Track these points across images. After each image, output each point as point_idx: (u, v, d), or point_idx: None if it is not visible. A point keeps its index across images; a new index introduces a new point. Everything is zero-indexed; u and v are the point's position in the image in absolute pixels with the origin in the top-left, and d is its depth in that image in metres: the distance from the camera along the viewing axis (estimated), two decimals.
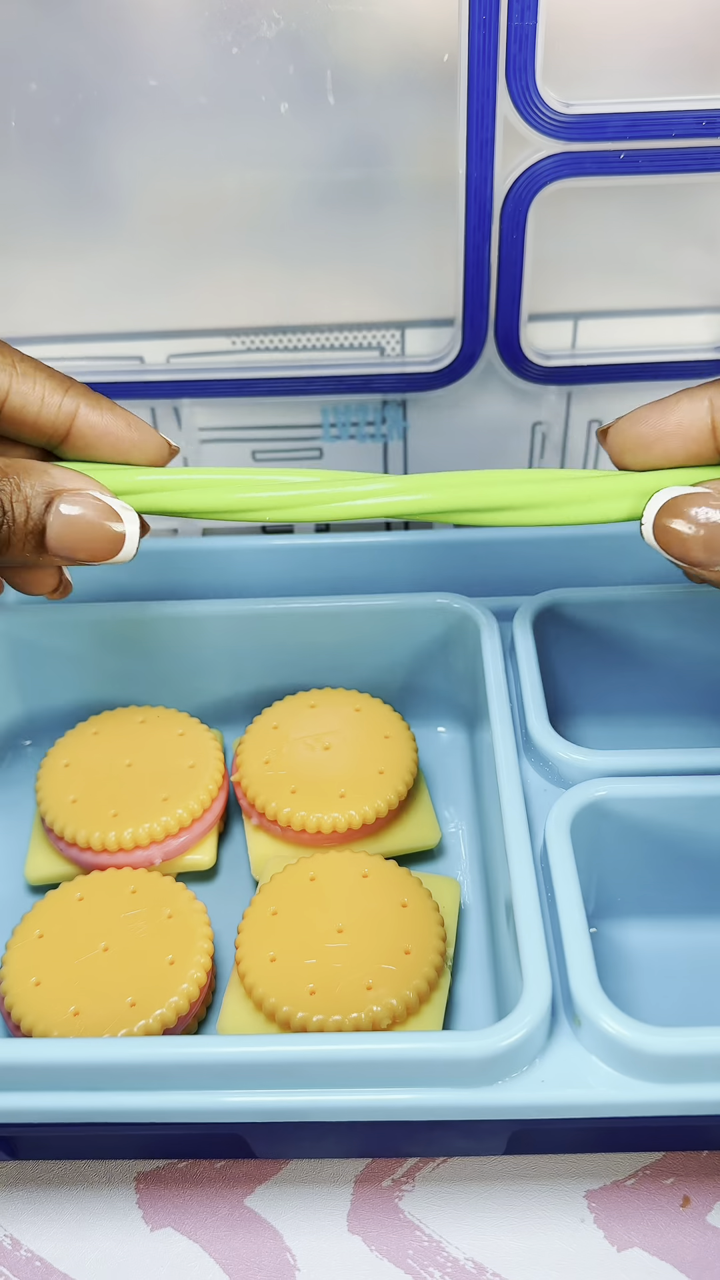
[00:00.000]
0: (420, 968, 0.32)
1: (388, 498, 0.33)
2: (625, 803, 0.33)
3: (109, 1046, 0.28)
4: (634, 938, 0.36)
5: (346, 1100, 0.28)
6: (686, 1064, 0.27)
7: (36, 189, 0.41)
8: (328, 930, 0.33)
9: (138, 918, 0.35)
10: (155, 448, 0.33)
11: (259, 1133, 0.31)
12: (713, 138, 0.38)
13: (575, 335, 0.45)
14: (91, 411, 0.32)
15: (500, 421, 0.47)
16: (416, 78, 0.38)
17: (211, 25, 0.38)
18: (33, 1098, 0.28)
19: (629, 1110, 0.28)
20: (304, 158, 0.41)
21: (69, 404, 0.31)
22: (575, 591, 0.40)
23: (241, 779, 0.39)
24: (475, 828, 0.40)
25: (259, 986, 0.32)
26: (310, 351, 0.45)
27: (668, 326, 0.45)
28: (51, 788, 0.38)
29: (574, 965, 0.29)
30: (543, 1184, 0.33)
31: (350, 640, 0.41)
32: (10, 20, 0.37)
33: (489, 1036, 0.27)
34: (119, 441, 0.32)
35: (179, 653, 0.42)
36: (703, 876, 0.35)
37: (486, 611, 0.40)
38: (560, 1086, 0.28)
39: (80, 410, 0.31)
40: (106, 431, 0.32)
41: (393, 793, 0.37)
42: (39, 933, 0.34)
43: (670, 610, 0.40)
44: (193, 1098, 0.28)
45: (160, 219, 0.42)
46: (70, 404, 0.31)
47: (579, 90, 0.38)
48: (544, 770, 0.35)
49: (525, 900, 0.31)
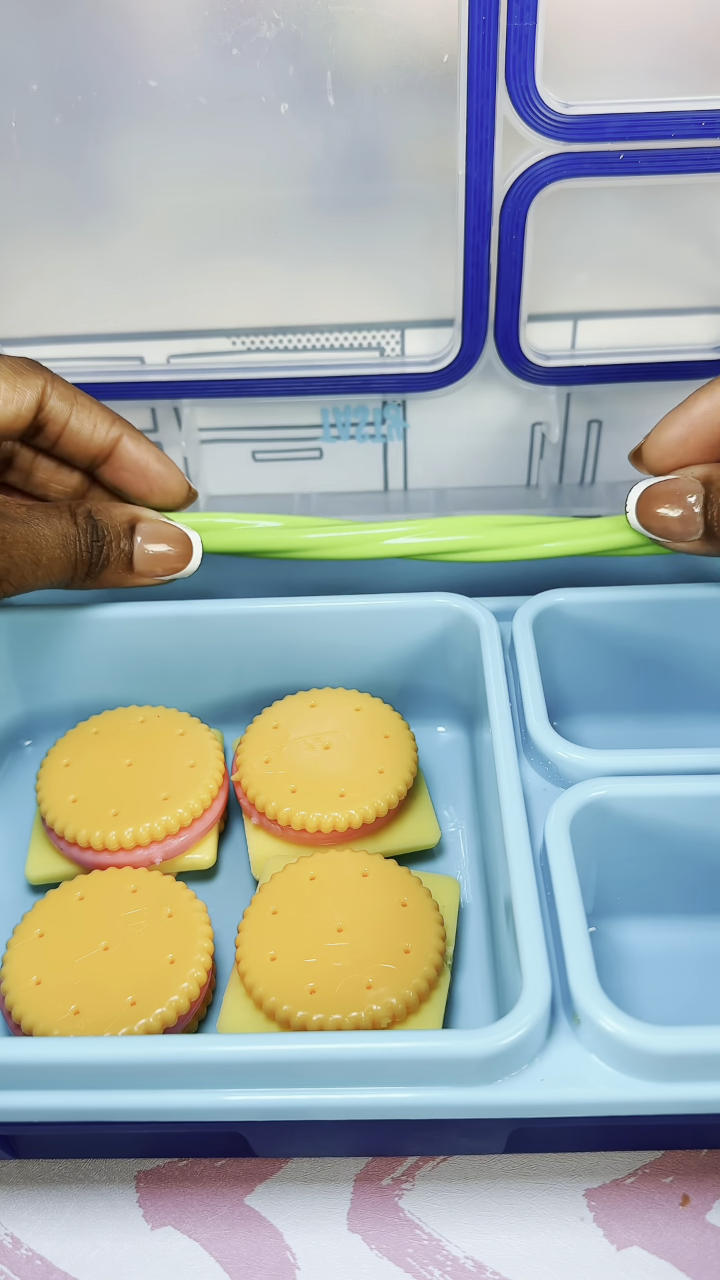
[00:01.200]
0: (420, 967, 0.32)
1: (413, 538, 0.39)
2: (625, 802, 0.33)
3: (109, 1045, 0.28)
4: (634, 937, 0.36)
5: (346, 1099, 0.28)
6: (686, 1063, 0.27)
7: (37, 189, 0.41)
8: (328, 929, 0.33)
9: (138, 917, 0.35)
10: (177, 484, 0.39)
11: (259, 1131, 0.31)
12: (711, 138, 0.38)
13: (575, 335, 0.45)
14: (130, 443, 0.38)
15: (500, 422, 0.47)
16: (416, 78, 0.38)
17: (211, 26, 0.38)
18: (33, 1096, 0.28)
19: (628, 1109, 0.28)
20: (304, 158, 0.41)
21: (114, 432, 0.38)
22: (575, 592, 0.40)
23: (241, 778, 0.39)
24: (475, 827, 0.40)
25: (259, 985, 0.32)
26: (310, 352, 0.45)
27: (667, 327, 0.45)
28: (52, 787, 0.38)
29: (573, 964, 0.29)
30: (542, 1183, 0.33)
31: (351, 640, 0.41)
32: (12, 20, 0.37)
33: (488, 1035, 0.27)
34: (147, 470, 0.38)
35: (180, 652, 0.42)
36: (702, 876, 0.35)
37: (486, 611, 0.40)
38: (560, 1085, 0.28)
39: (123, 439, 0.38)
40: (139, 460, 0.38)
41: (393, 792, 0.38)
42: (39, 932, 0.34)
43: (670, 610, 0.40)
44: (193, 1096, 0.28)
45: (160, 219, 0.42)
46: (115, 432, 0.38)
47: (578, 91, 0.38)
48: (544, 769, 0.35)
49: (525, 899, 0.31)
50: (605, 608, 0.40)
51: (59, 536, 0.36)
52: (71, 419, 0.37)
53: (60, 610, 0.41)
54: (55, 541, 0.36)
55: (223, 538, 0.39)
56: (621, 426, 0.47)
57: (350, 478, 0.49)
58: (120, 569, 0.38)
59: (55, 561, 0.36)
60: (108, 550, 0.37)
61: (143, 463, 0.38)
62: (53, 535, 0.36)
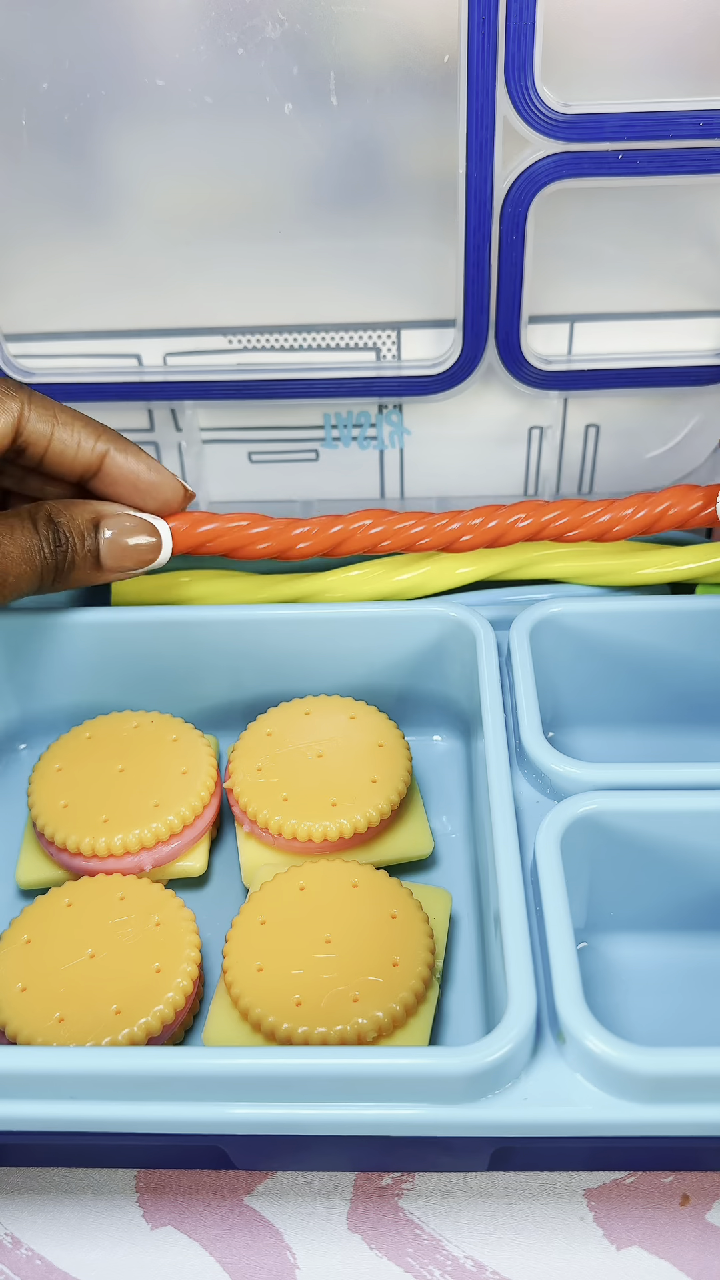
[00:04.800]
0: (407, 980, 0.32)
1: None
2: (617, 816, 0.33)
3: (90, 1056, 0.28)
4: (626, 952, 0.35)
5: (326, 1114, 0.28)
6: (672, 1084, 0.27)
7: (44, 186, 0.42)
8: (316, 940, 0.33)
9: (125, 924, 0.34)
10: (171, 490, 0.38)
11: (238, 1145, 0.31)
12: (710, 139, 0.38)
13: (571, 339, 0.44)
14: (119, 454, 0.37)
15: (499, 426, 0.46)
16: (417, 78, 0.38)
17: (217, 26, 0.38)
18: (13, 1106, 0.28)
19: (613, 1130, 0.27)
20: (307, 157, 0.40)
21: (101, 446, 0.37)
22: (573, 601, 0.40)
23: (234, 786, 0.38)
24: (469, 838, 0.39)
25: (245, 996, 0.32)
26: (309, 352, 0.45)
27: (666, 330, 0.44)
28: (43, 792, 0.38)
29: (560, 981, 0.28)
30: (542, 1183, 0.33)
31: (348, 647, 0.41)
32: (24, 20, 0.38)
33: (471, 1053, 0.27)
34: (139, 480, 0.37)
35: (175, 658, 0.41)
36: (697, 892, 0.34)
37: (483, 620, 0.39)
38: (543, 1105, 0.27)
39: (110, 452, 0.37)
40: (130, 471, 0.37)
41: (385, 802, 0.37)
42: (26, 938, 0.34)
43: (668, 621, 0.39)
44: (173, 1109, 0.28)
45: (163, 216, 0.42)
46: (102, 446, 0.37)
47: (577, 90, 0.38)
48: (537, 782, 0.35)
49: (512, 914, 0.30)
50: (604, 618, 0.39)
51: (21, 550, 0.35)
52: (54, 440, 0.36)
53: (55, 614, 0.41)
54: (19, 557, 0.35)
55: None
56: (620, 432, 0.47)
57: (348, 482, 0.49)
58: (88, 568, 0.37)
59: (22, 577, 0.36)
60: (72, 553, 0.36)
61: (133, 475, 0.37)
62: (16, 550, 0.35)
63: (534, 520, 0.39)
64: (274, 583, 0.43)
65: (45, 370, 0.46)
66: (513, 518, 0.40)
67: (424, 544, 0.40)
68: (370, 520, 0.40)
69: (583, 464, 0.48)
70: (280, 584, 0.42)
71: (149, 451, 0.48)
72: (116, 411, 0.47)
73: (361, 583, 0.42)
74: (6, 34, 0.38)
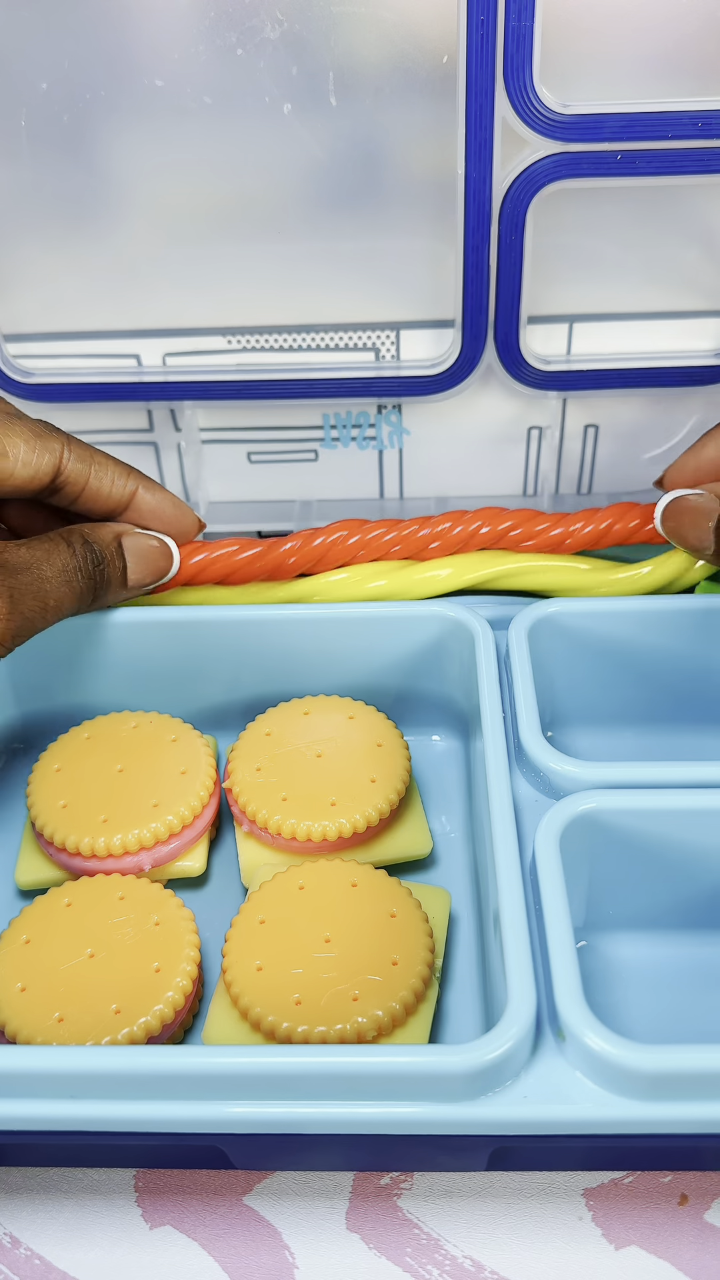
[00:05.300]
0: (407, 979, 0.32)
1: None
2: (616, 815, 0.33)
3: (90, 1055, 0.28)
4: (625, 951, 0.36)
5: (327, 1113, 0.28)
6: (671, 1081, 0.27)
7: (44, 186, 0.42)
8: (315, 940, 0.33)
9: (125, 924, 0.34)
10: (189, 523, 0.41)
11: (237, 1144, 0.31)
12: (708, 139, 0.38)
13: (570, 339, 0.44)
14: (146, 492, 0.39)
15: (498, 426, 0.46)
16: (417, 79, 0.38)
17: (217, 27, 0.38)
18: (13, 1105, 0.28)
19: (613, 1127, 0.27)
20: (306, 158, 0.41)
21: (130, 486, 0.39)
22: (572, 601, 0.40)
23: (233, 786, 0.38)
24: (468, 837, 0.39)
25: (244, 996, 0.32)
26: (308, 352, 0.45)
27: (665, 330, 0.44)
28: (42, 792, 0.38)
29: (559, 979, 0.28)
30: (541, 1182, 0.33)
31: (346, 647, 0.41)
32: (24, 21, 0.38)
33: (471, 1051, 0.27)
34: (163, 514, 0.40)
35: (174, 658, 0.41)
36: (695, 890, 0.34)
37: (482, 620, 0.39)
38: (543, 1102, 0.27)
39: (139, 490, 0.39)
40: (157, 506, 0.40)
41: (384, 801, 0.37)
42: (25, 938, 0.34)
43: (668, 621, 0.39)
44: (173, 1108, 0.28)
45: (162, 216, 0.42)
46: (132, 485, 0.39)
47: (576, 91, 0.38)
48: (536, 781, 0.35)
49: (512, 912, 0.30)
50: (602, 617, 0.39)
51: (60, 573, 0.36)
52: (90, 479, 0.38)
53: None
54: (58, 580, 0.36)
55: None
56: (619, 432, 0.47)
57: (347, 482, 0.49)
58: (118, 586, 0.39)
59: (63, 600, 0.36)
60: (108, 571, 0.38)
61: (159, 511, 0.40)
62: (54, 574, 0.36)
63: (491, 529, 0.42)
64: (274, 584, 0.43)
65: (45, 370, 0.46)
66: (474, 524, 0.42)
67: (396, 551, 0.42)
68: (346, 531, 0.42)
69: (582, 464, 0.48)
70: (281, 585, 0.42)
71: (148, 451, 0.48)
72: (116, 412, 0.47)
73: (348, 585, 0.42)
74: (6, 34, 0.38)
